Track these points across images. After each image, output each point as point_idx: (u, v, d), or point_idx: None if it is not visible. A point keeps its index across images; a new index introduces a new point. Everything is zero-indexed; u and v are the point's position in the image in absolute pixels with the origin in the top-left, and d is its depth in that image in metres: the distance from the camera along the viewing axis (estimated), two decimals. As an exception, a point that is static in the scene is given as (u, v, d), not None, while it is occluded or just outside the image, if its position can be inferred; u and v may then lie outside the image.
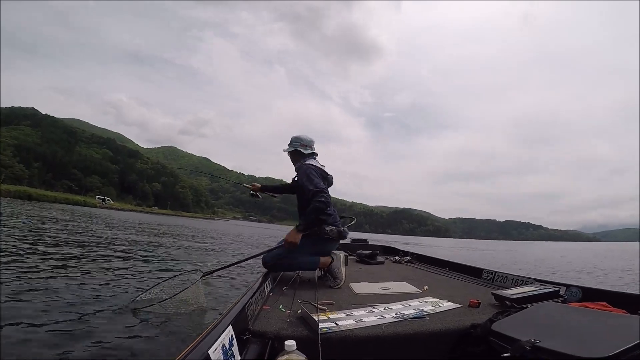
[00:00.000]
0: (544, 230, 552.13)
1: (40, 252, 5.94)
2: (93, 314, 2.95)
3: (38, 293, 3.39)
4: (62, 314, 2.86)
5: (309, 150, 2.85)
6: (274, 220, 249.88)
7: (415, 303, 1.92)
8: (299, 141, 2.84)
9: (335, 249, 2.77)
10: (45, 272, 4.37)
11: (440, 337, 1.47)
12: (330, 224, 2.59)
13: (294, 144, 2.84)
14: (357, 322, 1.52)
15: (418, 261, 4.28)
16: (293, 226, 2.52)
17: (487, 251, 26.86)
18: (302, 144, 2.83)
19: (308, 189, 2.51)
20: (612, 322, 1.26)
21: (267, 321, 1.53)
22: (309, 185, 2.52)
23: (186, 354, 0.89)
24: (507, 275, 2.72)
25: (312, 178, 2.57)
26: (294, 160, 2.90)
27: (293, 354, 1.07)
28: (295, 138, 2.87)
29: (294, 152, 2.86)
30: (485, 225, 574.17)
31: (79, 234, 9.98)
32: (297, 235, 2.43)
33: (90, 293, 3.60)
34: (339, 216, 2.79)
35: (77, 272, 4.58)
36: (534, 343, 1.12)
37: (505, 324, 1.39)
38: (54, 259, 5.38)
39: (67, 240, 8.08)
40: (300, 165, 2.77)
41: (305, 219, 2.46)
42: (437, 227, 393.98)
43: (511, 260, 16.71)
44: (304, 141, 2.84)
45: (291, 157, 2.91)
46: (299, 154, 2.84)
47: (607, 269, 12.23)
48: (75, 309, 3.04)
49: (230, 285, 4.85)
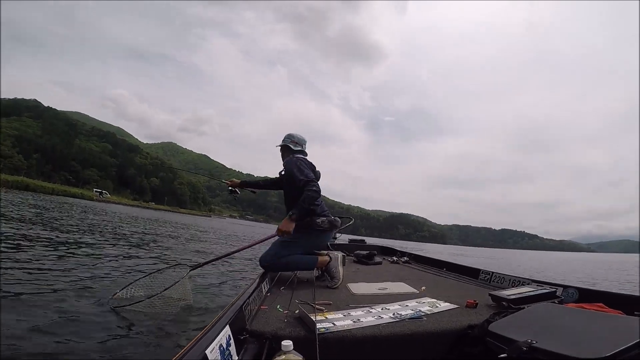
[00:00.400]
0: (539, 240, 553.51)
1: (24, 244, 5.74)
2: (70, 312, 2.69)
3: (14, 286, 3.15)
4: (40, 311, 2.62)
5: (298, 147, 2.92)
6: (269, 219, 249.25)
7: (413, 303, 1.92)
8: (290, 138, 2.94)
9: (329, 240, 2.78)
10: (28, 263, 4.19)
11: (438, 338, 1.48)
12: (318, 214, 2.63)
13: (285, 140, 2.94)
14: (355, 323, 1.52)
15: (415, 262, 4.29)
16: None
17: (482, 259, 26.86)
18: (292, 140, 2.92)
19: (299, 178, 2.53)
20: (608, 323, 1.26)
21: (264, 321, 1.53)
22: (300, 175, 2.54)
23: (183, 354, 0.89)
24: (504, 276, 2.73)
25: (302, 169, 2.61)
26: (283, 156, 2.97)
27: (290, 354, 1.07)
28: (288, 135, 2.97)
29: (284, 147, 2.94)
30: (482, 232, 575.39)
31: (71, 227, 9.82)
32: (291, 224, 2.43)
33: (69, 288, 3.34)
34: (338, 216, 2.80)
35: (59, 265, 4.33)
36: (530, 344, 1.12)
37: (502, 325, 1.39)
38: (38, 251, 5.17)
39: (56, 232, 7.88)
40: (289, 158, 2.82)
41: (298, 208, 2.44)
42: (433, 233, 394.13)
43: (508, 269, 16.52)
44: (295, 138, 2.93)
45: (281, 152, 2.99)
46: (288, 149, 2.92)
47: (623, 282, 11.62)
48: (53, 305, 2.79)
49: (219, 280, 4.74)
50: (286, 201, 2.82)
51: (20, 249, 5.15)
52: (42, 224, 9.08)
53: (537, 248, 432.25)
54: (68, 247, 6.06)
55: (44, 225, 8.97)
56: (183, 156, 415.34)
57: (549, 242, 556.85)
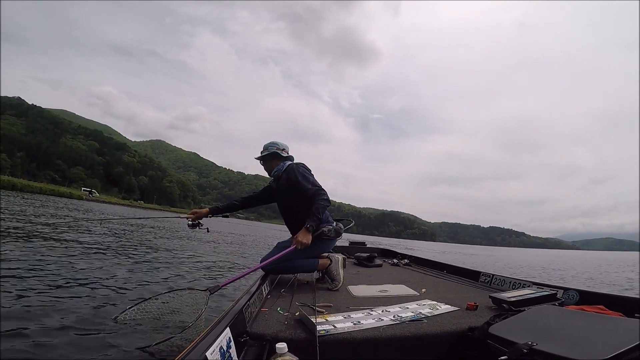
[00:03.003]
0: (526, 238, 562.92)
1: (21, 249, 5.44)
2: (70, 331, 2.41)
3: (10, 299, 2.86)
4: (37, 330, 2.37)
5: (285, 154, 2.78)
6: (261, 218, 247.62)
7: (413, 306, 1.94)
8: (275, 145, 2.77)
9: (332, 247, 2.78)
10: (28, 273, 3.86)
11: (438, 340, 1.49)
12: (324, 221, 2.57)
13: (270, 148, 2.75)
14: (355, 325, 1.53)
15: (416, 264, 4.31)
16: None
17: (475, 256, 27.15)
18: (278, 147, 2.76)
19: (307, 187, 2.46)
20: (608, 325, 1.28)
21: (265, 323, 1.53)
22: (307, 184, 2.48)
23: (184, 355, 0.89)
24: (504, 278, 2.73)
25: (308, 176, 2.54)
26: (270, 165, 2.79)
27: (286, 356, 1.07)
28: (271, 143, 2.79)
29: (271, 155, 2.76)
30: (470, 230, 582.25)
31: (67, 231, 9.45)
32: (309, 236, 2.39)
33: (68, 304, 2.97)
34: (338, 219, 2.80)
35: (56, 278, 3.90)
36: (531, 346, 1.14)
37: (502, 327, 1.41)
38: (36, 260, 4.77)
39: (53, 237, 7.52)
40: (288, 166, 2.69)
41: (314, 220, 2.39)
42: (423, 231, 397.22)
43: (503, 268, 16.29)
44: (280, 145, 2.77)
45: (266, 161, 2.80)
46: (277, 156, 2.75)
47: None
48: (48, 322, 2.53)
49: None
50: (284, 211, 2.72)
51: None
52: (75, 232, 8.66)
53: (524, 245, 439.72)
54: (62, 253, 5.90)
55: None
56: (172, 154, 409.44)
57: (536, 239, 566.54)
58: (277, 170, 2.72)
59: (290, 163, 2.73)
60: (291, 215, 2.68)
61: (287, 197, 2.67)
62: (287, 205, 2.71)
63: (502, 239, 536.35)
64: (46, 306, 2.89)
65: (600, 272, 15.13)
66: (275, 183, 2.77)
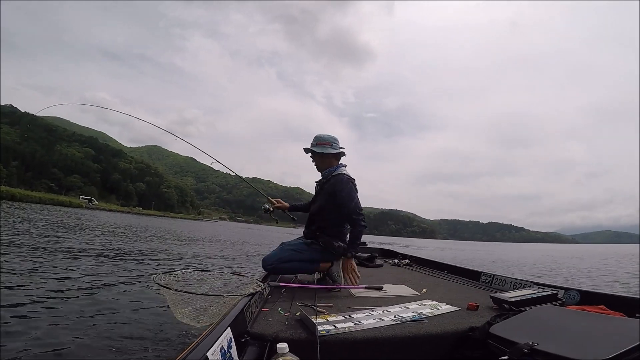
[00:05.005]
0: (526, 232, 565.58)
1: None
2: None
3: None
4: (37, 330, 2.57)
5: (337, 149, 2.63)
6: (260, 221, 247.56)
7: (414, 306, 1.94)
8: (323, 139, 2.62)
9: (333, 259, 2.78)
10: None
11: (439, 340, 1.49)
12: (339, 238, 2.60)
13: (325, 147, 2.60)
14: (356, 325, 1.52)
15: (416, 264, 4.30)
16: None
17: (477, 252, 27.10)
18: (325, 142, 2.61)
19: (349, 206, 2.45)
20: (609, 325, 1.28)
21: (265, 323, 1.53)
22: (350, 203, 2.46)
23: (184, 355, 0.89)
24: (505, 278, 2.72)
25: (354, 196, 2.50)
26: (323, 161, 2.65)
27: (287, 356, 1.07)
28: (322, 138, 2.63)
29: (323, 154, 2.62)
30: (470, 226, 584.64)
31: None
32: (351, 261, 2.53)
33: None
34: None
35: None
36: (532, 346, 1.14)
37: (503, 327, 1.40)
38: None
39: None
40: (341, 175, 2.55)
41: (353, 247, 2.51)
42: (422, 229, 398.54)
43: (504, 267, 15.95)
44: (331, 139, 2.62)
45: (323, 158, 2.65)
46: (330, 155, 2.62)
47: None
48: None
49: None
50: (313, 212, 2.72)
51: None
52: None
53: (524, 240, 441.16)
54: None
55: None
56: (169, 159, 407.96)
57: (535, 234, 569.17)
58: (328, 171, 2.64)
59: (343, 173, 2.58)
60: (313, 221, 2.70)
61: (324, 203, 2.62)
62: (319, 209, 2.67)
63: (502, 234, 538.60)
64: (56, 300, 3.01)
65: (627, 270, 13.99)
66: (320, 184, 2.70)
